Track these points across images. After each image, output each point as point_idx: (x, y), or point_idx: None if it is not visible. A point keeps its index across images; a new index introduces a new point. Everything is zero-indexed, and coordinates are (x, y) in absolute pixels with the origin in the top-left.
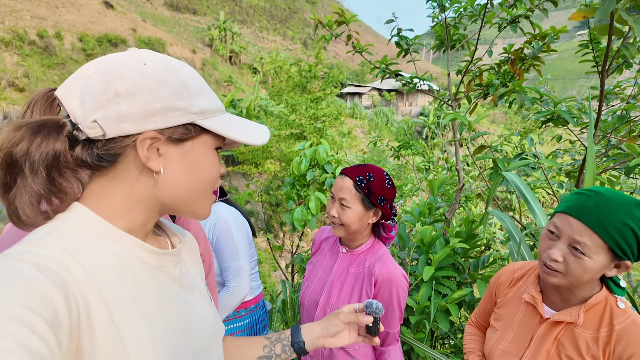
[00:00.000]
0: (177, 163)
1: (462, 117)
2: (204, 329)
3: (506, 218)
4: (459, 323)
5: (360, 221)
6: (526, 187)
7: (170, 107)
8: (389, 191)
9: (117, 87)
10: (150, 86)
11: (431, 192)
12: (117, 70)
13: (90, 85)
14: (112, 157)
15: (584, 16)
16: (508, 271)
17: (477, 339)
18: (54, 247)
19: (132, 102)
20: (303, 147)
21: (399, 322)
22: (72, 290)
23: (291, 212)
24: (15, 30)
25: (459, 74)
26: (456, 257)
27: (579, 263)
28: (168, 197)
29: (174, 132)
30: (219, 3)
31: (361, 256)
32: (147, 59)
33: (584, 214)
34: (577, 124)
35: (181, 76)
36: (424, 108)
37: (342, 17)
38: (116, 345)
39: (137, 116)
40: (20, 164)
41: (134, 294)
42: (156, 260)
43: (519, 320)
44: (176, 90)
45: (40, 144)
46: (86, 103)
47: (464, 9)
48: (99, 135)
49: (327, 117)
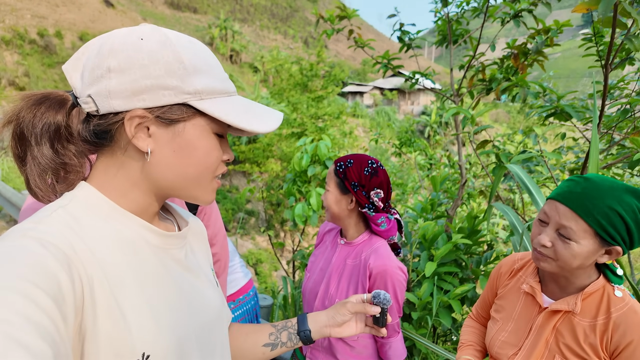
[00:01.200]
0: (166, 145)
1: (465, 110)
2: (208, 311)
3: (509, 210)
4: (461, 319)
5: (337, 205)
6: (529, 179)
7: (161, 85)
8: (365, 178)
9: (109, 62)
10: (142, 62)
11: (434, 188)
12: (113, 44)
13: (89, 60)
14: (105, 134)
15: (587, 8)
16: (508, 262)
17: (475, 331)
18: (60, 224)
19: (122, 78)
20: (304, 143)
21: (397, 314)
22: (76, 267)
23: (292, 208)
24: (16, 29)
25: (461, 69)
26: (459, 253)
27: (566, 248)
28: (160, 179)
29: (165, 112)
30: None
31: (358, 248)
32: (147, 33)
33: (571, 199)
34: (580, 118)
35: (179, 53)
36: (426, 107)
37: (344, 12)
38: (119, 323)
39: (126, 93)
40: (27, 135)
41: (137, 274)
42: (161, 242)
43: (519, 311)
44: (170, 67)
45: (42, 114)
46: (84, 77)
47: (466, 3)
48: (93, 111)
49: (329, 116)
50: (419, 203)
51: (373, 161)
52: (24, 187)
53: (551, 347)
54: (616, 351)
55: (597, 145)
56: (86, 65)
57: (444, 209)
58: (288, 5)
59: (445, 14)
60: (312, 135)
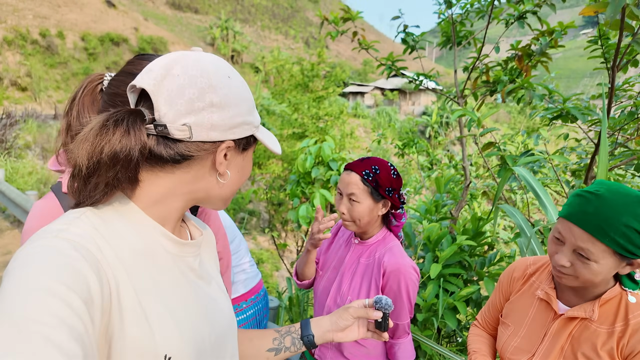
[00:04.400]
0: (235, 167)
1: (471, 113)
2: (221, 319)
3: (517, 213)
4: (465, 321)
5: (370, 214)
6: (537, 182)
7: (245, 121)
8: (395, 181)
9: (212, 98)
10: (235, 101)
11: (437, 189)
12: (209, 79)
13: (182, 87)
14: (188, 157)
15: (595, 11)
16: (521, 267)
17: (483, 340)
18: (89, 226)
19: (223, 113)
20: (307, 145)
21: (408, 315)
22: (104, 269)
23: (296, 209)
24: (18, 29)
25: (465, 71)
26: (463, 254)
27: (586, 267)
28: (218, 194)
29: (243, 142)
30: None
31: (372, 247)
32: (229, 72)
33: (585, 221)
34: (586, 120)
35: (249, 93)
36: (427, 107)
37: (348, 13)
38: (143, 326)
39: (225, 127)
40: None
41: (158, 280)
42: (178, 250)
43: (532, 316)
44: (249, 106)
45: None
46: (177, 104)
47: (470, 5)
48: (186, 137)
49: (330, 117)
50: (422, 204)
51: (390, 163)
52: (27, 188)
53: (566, 354)
54: (630, 355)
55: (606, 149)
56: (177, 92)
57: (447, 210)
58: (289, 6)
59: (449, 15)
60: (313, 136)
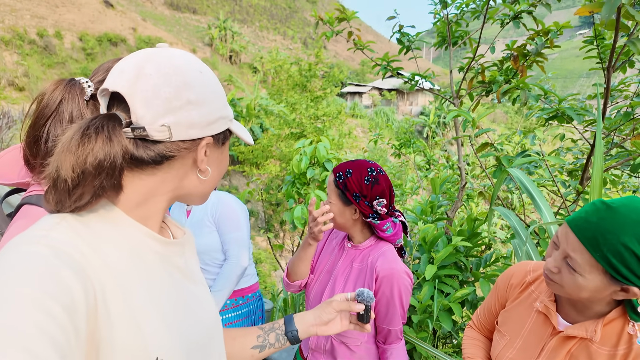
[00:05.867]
0: (215, 162)
1: (466, 113)
2: (208, 318)
3: (511, 215)
4: (461, 322)
5: (341, 216)
6: (532, 184)
7: (221, 115)
8: (366, 188)
9: (188, 95)
10: (210, 96)
11: (433, 190)
12: (184, 76)
13: (157, 87)
14: (169, 157)
15: (590, 11)
16: (520, 273)
17: (478, 344)
18: (71, 232)
19: (200, 110)
20: (303, 145)
21: (401, 320)
22: (89, 275)
23: (291, 210)
24: (15, 29)
25: (461, 71)
26: (459, 255)
27: (571, 279)
28: (200, 190)
29: (221, 137)
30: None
31: (365, 251)
32: (200, 67)
33: (582, 229)
34: (581, 121)
35: (220, 86)
36: (425, 107)
37: (343, 13)
38: (132, 328)
39: (203, 123)
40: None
41: (145, 281)
42: (164, 250)
43: (529, 328)
44: (223, 100)
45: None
46: (153, 105)
47: (465, 5)
48: (166, 138)
49: (327, 117)
50: (418, 205)
51: (372, 168)
52: None
53: None
54: None
55: (601, 150)
56: (153, 93)
57: (444, 210)
58: (287, 6)
59: (444, 15)
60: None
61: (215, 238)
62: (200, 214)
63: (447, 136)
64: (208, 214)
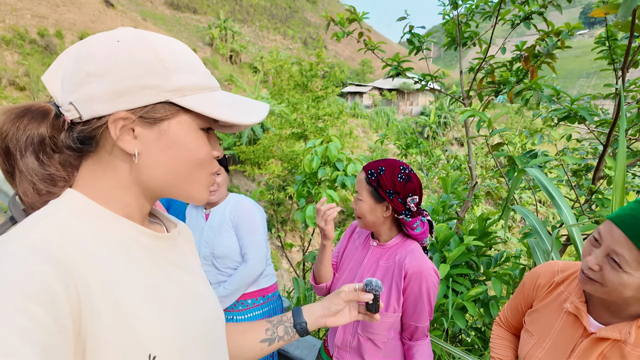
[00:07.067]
0: (153, 145)
1: (482, 114)
2: (208, 311)
3: (529, 213)
4: (472, 321)
5: (372, 214)
6: (551, 183)
7: (142, 85)
8: (400, 185)
9: (87, 67)
10: (121, 64)
11: (444, 190)
12: (91, 49)
13: (67, 66)
14: (90, 139)
15: (605, 12)
16: (547, 273)
17: (508, 344)
18: (51, 230)
19: (103, 81)
20: (314, 145)
21: (428, 317)
22: (70, 273)
23: (303, 209)
24: (16, 28)
25: (471, 71)
26: (470, 255)
27: (616, 276)
28: (151, 180)
29: (148, 112)
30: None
31: (392, 250)
32: (123, 36)
33: (630, 225)
34: (593, 121)
35: (158, 51)
36: (425, 107)
37: (354, 14)
38: (122, 325)
39: (108, 96)
40: (12, 150)
41: (134, 276)
42: (153, 244)
43: (559, 329)
44: (150, 66)
45: (25, 127)
46: (64, 85)
47: (475, 6)
48: (76, 118)
49: (329, 117)
50: (429, 205)
51: (404, 166)
52: None
53: None
54: None
55: (624, 150)
56: (65, 73)
57: (454, 210)
58: (287, 6)
59: (454, 16)
60: (312, 136)
61: (235, 241)
62: (220, 217)
63: (447, 136)
64: (227, 217)
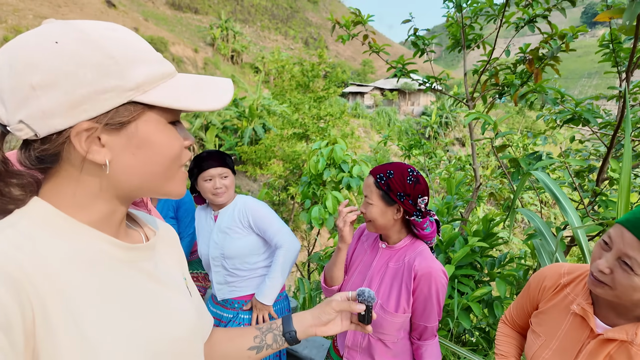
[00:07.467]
0: (124, 150)
1: (487, 117)
2: (182, 325)
3: (534, 216)
4: (477, 321)
5: (383, 217)
6: (556, 186)
7: (98, 89)
8: (409, 187)
9: (30, 79)
10: (67, 69)
11: (449, 191)
12: (27, 57)
13: (4, 80)
14: (52, 157)
15: (610, 17)
16: (553, 275)
17: (512, 342)
18: (8, 245)
19: (52, 93)
20: (319, 147)
21: (437, 318)
22: (26, 290)
23: (308, 210)
24: (18, 29)
25: (475, 74)
26: (475, 255)
27: (627, 279)
28: (126, 185)
29: (112, 117)
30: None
31: (401, 251)
32: (59, 35)
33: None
34: (597, 124)
35: (104, 47)
36: (427, 108)
37: (359, 17)
38: (81, 343)
39: (63, 108)
40: None
41: (99, 292)
42: (126, 256)
43: (565, 330)
44: (102, 67)
45: None
46: (6, 102)
47: (480, 9)
48: (32, 136)
49: (330, 117)
50: (433, 206)
51: (411, 169)
52: None
53: None
54: None
55: (629, 153)
56: (2, 88)
57: (458, 211)
58: (288, 6)
59: (459, 18)
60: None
61: (245, 242)
62: (228, 219)
63: (449, 136)
64: (236, 219)
